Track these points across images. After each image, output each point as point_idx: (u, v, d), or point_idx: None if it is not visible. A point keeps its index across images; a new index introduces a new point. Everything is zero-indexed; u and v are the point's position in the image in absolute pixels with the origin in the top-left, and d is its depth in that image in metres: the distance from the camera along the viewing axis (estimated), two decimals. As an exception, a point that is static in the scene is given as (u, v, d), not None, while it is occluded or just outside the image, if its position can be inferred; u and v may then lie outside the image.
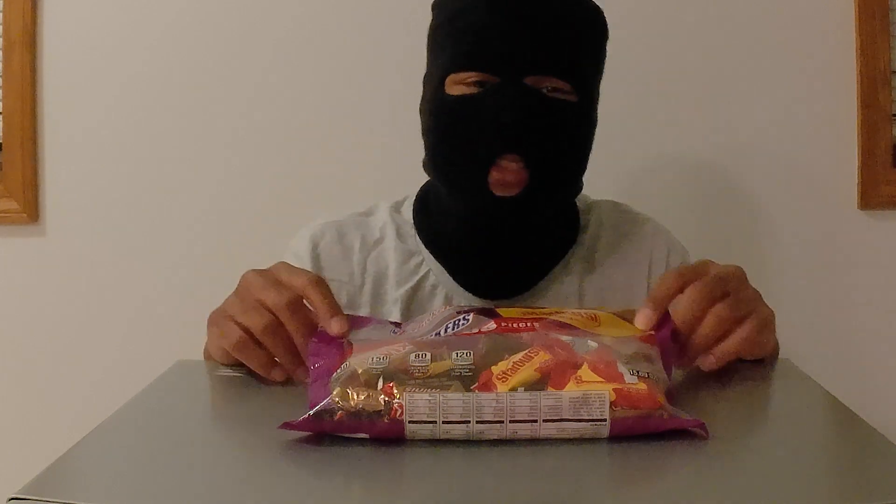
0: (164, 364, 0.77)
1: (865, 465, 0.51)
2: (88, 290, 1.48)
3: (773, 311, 0.74)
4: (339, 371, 0.60)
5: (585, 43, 0.96)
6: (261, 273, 0.74)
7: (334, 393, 0.57)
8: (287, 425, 0.56)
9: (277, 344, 0.71)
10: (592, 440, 0.55)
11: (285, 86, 1.47)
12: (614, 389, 0.56)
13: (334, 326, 0.68)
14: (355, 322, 0.71)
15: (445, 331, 0.65)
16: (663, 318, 0.69)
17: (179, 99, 1.47)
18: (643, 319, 0.68)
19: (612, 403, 0.55)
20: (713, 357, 0.70)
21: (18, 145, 1.46)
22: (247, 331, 0.72)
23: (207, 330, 0.78)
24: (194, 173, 1.48)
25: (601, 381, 0.56)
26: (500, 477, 0.51)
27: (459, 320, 0.66)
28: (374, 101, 1.45)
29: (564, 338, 0.61)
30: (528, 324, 0.65)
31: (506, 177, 0.91)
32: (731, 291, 0.71)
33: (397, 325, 0.73)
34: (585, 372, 0.57)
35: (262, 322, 0.71)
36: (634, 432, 0.55)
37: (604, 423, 0.55)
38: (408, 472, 0.54)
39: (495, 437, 0.55)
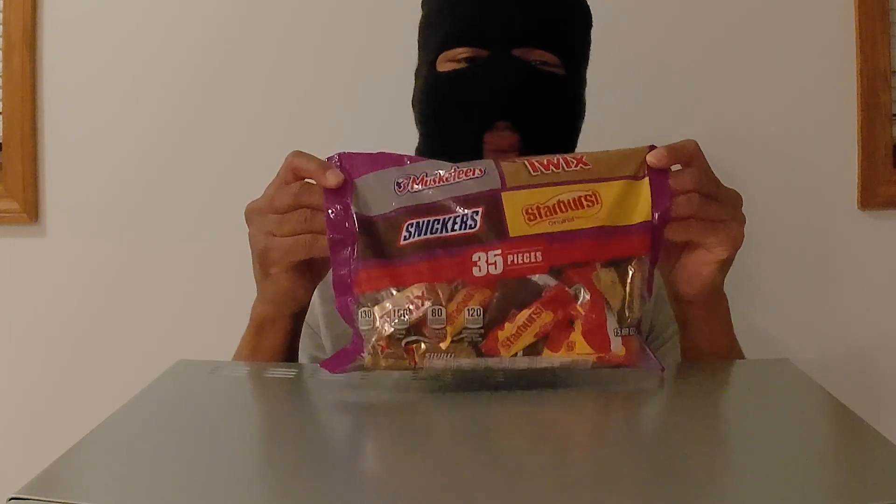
0: (165, 364, 0.77)
1: (865, 465, 0.51)
2: (88, 290, 1.48)
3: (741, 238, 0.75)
4: (362, 313, 0.67)
5: (571, 21, 0.99)
6: (257, 200, 0.77)
7: (366, 358, 0.66)
8: (324, 365, 0.68)
9: (314, 223, 0.72)
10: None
11: (286, 86, 1.47)
12: (598, 357, 0.67)
13: (330, 179, 0.69)
14: (355, 168, 0.71)
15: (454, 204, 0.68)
16: (662, 187, 0.69)
17: (180, 98, 1.47)
18: (656, 155, 0.69)
19: (592, 363, 0.67)
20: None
21: (18, 145, 1.46)
22: (295, 231, 0.73)
23: (261, 280, 0.79)
24: (195, 173, 1.48)
25: (590, 353, 0.67)
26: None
27: (467, 217, 0.67)
28: (373, 102, 1.45)
29: (568, 288, 0.67)
30: (534, 254, 0.66)
31: (499, 142, 0.94)
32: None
33: (402, 162, 0.71)
34: (578, 338, 0.66)
35: (299, 218, 0.73)
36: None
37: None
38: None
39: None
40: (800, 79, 1.45)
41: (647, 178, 0.69)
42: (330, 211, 0.69)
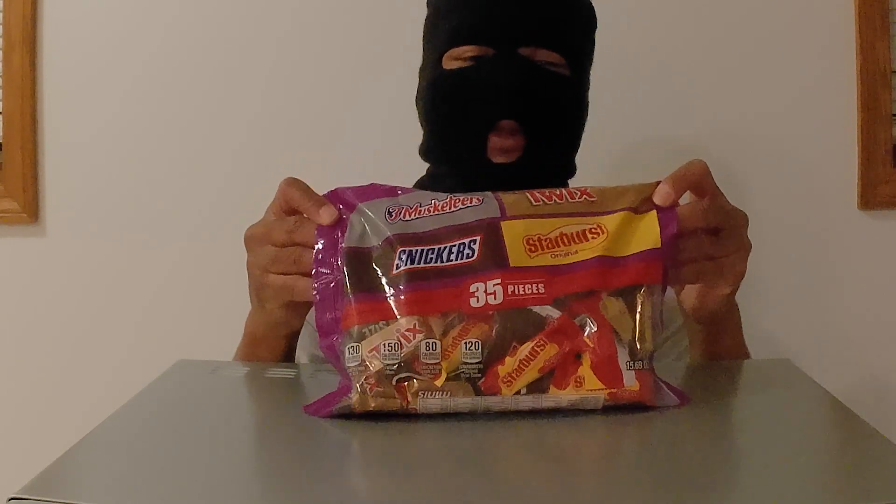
0: (165, 364, 0.77)
1: (865, 465, 0.51)
2: (88, 290, 1.48)
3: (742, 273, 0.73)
4: (349, 349, 0.61)
5: (577, 22, 0.99)
6: (255, 227, 0.75)
7: (353, 398, 0.61)
8: (308, 409, 0.62)
9: (302, 264, 0.71)
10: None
11: (286, 86, 1.47)
12: (609, 393, 0.61)
13: (324, 217, 0.67)
14: (347, 203, 0.67)
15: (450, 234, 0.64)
16: (669, 216, 0.66)
17: (179, 99, 1.47)
18: (662, 195, 0.65)
19: (604, 400, 0.61)
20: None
21: (18, 145, 1.46)
22: (286, 271, 0.72)
23: (256, 306, 0.79)
24: (195, 173, 1.48)
25: (601, 388, 0.61)
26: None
27: (464, 246, 0.63)
28: (372, 103, 1.45)
29: (574, 319, 0.62)
30: (536, 285, 0.62)
31: (504, 142, 0.94)
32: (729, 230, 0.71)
33: (394, 193, 0.68)
34: (587, 372, 0.61)
35: (289, 259, 0.71)
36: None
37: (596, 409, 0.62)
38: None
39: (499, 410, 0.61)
40: (800, 79, 1.45)
41: (654, 211, 0.65)
42: (318, 249, 0.66)
